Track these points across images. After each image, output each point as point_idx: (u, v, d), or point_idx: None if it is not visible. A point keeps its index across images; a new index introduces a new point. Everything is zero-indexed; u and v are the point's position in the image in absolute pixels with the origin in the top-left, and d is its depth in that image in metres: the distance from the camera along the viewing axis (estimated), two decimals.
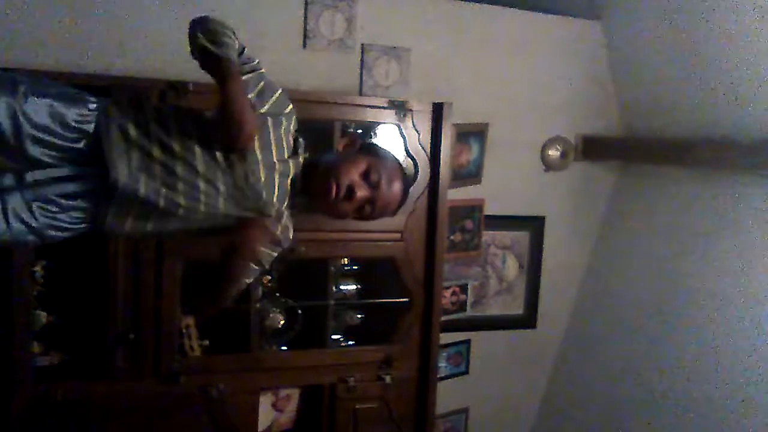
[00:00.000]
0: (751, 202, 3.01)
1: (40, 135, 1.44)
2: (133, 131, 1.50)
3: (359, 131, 2.97)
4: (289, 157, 1.63)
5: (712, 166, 3.19)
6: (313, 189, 1.63)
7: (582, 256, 3.83)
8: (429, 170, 2.90)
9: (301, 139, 1.69)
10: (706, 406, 3.09)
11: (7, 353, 2.38)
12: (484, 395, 3.74)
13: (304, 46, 3.07)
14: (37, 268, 2.46)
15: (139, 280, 2.49)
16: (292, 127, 1.66)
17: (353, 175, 1.59)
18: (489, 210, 3.55)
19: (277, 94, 1.62)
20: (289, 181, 1.63)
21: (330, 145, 2.77)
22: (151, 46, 2.77)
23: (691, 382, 3.18)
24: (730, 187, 3.11)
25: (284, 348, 2.90)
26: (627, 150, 3.71)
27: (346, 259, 3.03)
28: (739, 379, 2.96)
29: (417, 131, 2.86)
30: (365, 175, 1.61)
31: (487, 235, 3.61)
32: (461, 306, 3.56)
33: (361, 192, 1.59)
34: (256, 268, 1.63)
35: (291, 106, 1.65)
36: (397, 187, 1.65)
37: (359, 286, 3.03)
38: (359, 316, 3.02)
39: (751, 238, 2.99)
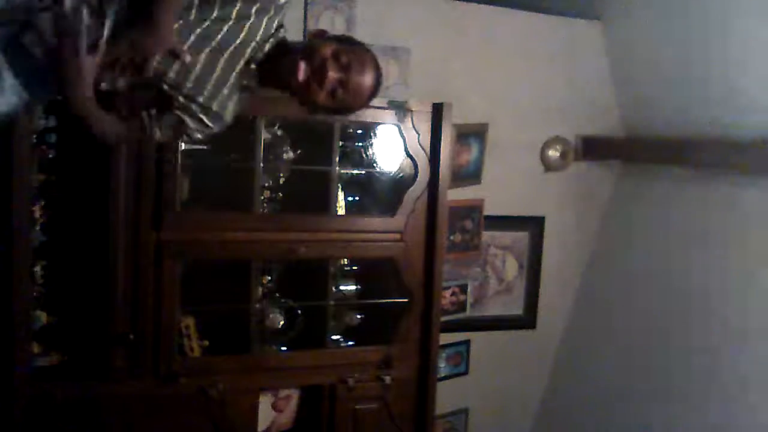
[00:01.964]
0: (751, 202, 3.01)
1: None
2: None
3: (359, 132, 2.97)
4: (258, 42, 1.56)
5: (712, 166, 3.19)
6: (282, 74, 1.57)
7: (582, 256, 3.83)
8: (429, 171, 2.89)
9: (283, 31, 1.63)
10: (706, 407, 3.09)
11: (7, 353, 2.38)
12: (484, 395, 3.74)
13: None
14: (37, 268, 2.46)
15: (138, 280, 2.49)
16: (277, 19, 1.59)
17: (323, 55, 1.53)
18: (489, 210, 3.55)
19: None
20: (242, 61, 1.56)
21: (330, 147, 2.77)
22: None
23: (690, 382, 3.17)
24: (730, 187, 3.11)
25: (284, 348, 2.90)
26: (627, 150, 3.72)
27: (345, 260, 3.03)
28: (739, 380, 2.96)
29: (417, 132, 2.86)
30: (335, 57, 1.54)
31: (487, 236, 3.61)
32: (461, 306, 3.56)
33: (332, 72, 1.52)
34: None
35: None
36: (369, 72, 1.58)
37: (359, 287, 3.03)
38: (359, 316, 3.01)
39: (751, 238, 2.98)
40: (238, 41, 1.52)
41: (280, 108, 2.43)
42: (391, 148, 2.93)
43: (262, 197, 2.81)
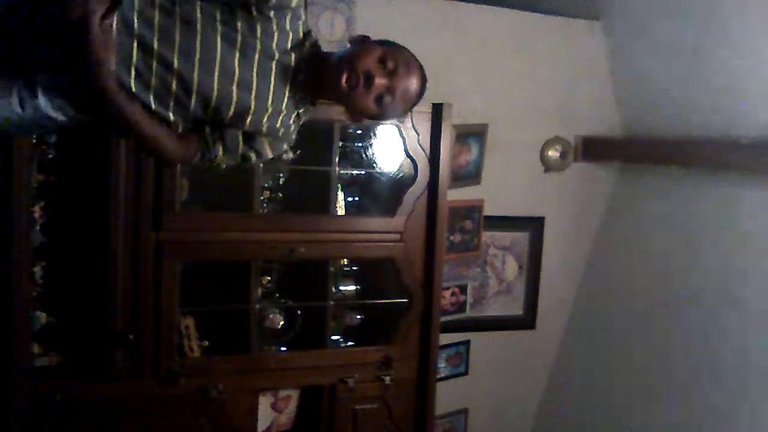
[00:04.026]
0: (751, 202, 3.01)
1: None
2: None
3: (359, 132, 2.97)
4: (292, 48, 1.54)
5: (712, 166, 3.19)
6: (326, 81, 1.54)
7: (581, 256, 3.83)
8: (428, 171, 2.89)
9: (313, 33, 1.60)
10: (706, 407, 3.09)
11: (7, 353, 2.38)
12: (483, 396, 3.74)
13: None
14: (37, 269, 2.45)
15: (138, 280, 2.49)
16: (300, 21, 1.55)
17: (370, 62, 1.50)
18: (488, 210, 3.55)
19: None
20: (289, 72, 1.54)
21: (329, 147, 2.77)
22: None
23: (690, 382, 3.18)
24: (730, 187, 3.11)
25: (284, 349, 2.90)
26: (627, 150, 3.72)
27: (345, 260, 3.03)
28: (739, 380, 2.96)
29: (417, 132, 2.86)
30: (382, 63, 1.51)
31: (487, 236, 3.60)
32: (461, 306, 3.56)
33: (379, 79, 1.50)
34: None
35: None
36: (415, 77, 1.56)
37: (359, 287, 3.03)
38: (359, 316, 3.02)
39: (750, 238, 2.98)
40: (274, 45, 1.50)
41: None
42: (390, 148, 2.93)
43: (262, 197, 2.81)
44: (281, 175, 2.87)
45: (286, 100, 1.57)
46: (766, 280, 2.90)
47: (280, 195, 2.88)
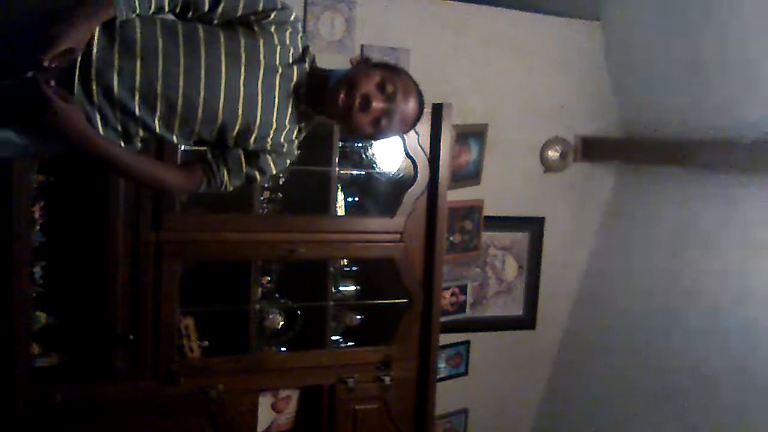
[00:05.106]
0: (751, 202, 3.01)
1: None
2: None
3: None
4: (293, 63, 1.57)
5: (712, 166, 3.19)
6: (325, 100, 1.57)
7: (581, 256, 3.83)
8: (428, 171, 2.89)
9: (311, 49, 1.63)
10: (707, 407, 3.09)
11: (7, 354, 2.38)
12: (483, 396, 3.74)
13: None
14: (37, 269, 2.46)
15: (138, 281, 2.49)
16: (299, 36, 1.60)
17: (368, 85, 1.53)
18: (488, 211, 3.56)
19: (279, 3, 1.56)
20: (292, 86, 1.57)
21: (329, 147, 2.77)
22: None
23: (691, 382, 3.17)
24: (730, 187, 3.11)
25: (283, 349, 2.90)
26: (627, 150, 3.71)
27: (345, 260, 3.03)
28: (740, 380, 2.96)
29: (416, 132, 2.86)
30: (381, 87, 1.54)
31: (487, 236, 3.61)
32: (461, 307, 3.56)
33: (377, 102, 1.53)
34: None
35: (295, 14, 1.60)
36: (413, 101, 1.59)
37: (358, 287, 3.03)
38: (358, 317, 3.02)
39: (750, 238, 2.98)
40: (277, 60, 1.53)
41: None
42: (390, 148, 2.93)
43: (262, 197, 2.81)
44: (281, 175, 2.87)
45: (289, 114, 1.59)
46: (766, 280, 2.91)
47: (280, 195, 2.88)
